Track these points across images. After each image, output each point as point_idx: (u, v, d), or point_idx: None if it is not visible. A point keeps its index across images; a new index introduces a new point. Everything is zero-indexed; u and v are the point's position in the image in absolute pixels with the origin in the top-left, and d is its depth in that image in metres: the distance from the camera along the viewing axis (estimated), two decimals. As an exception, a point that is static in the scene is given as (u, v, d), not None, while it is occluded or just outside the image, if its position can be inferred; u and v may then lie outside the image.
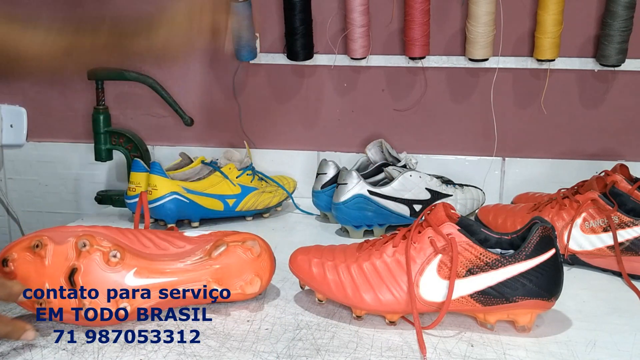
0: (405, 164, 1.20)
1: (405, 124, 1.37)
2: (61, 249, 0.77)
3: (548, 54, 1.22)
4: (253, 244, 0.84)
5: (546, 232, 0.75)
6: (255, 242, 0.84)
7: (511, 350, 0.74)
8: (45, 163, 1.50)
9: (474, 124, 1.34)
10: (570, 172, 1.30)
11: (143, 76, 1.39)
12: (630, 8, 1.17)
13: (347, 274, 0.80)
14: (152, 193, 1.14)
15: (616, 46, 1.20)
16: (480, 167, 1.34)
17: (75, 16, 0.83)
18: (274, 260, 0.87)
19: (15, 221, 1.56)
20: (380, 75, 1.34)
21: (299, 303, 0.85)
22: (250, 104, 1.41)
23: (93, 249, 0.78)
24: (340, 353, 0.72)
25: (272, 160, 1.41)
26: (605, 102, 1.30)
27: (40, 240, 0.78)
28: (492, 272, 0.75)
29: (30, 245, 0.77)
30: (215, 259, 0.82)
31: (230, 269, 0.82)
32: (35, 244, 0.77)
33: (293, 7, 1.27)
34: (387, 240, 0.82)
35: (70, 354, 0.71)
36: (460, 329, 0.78)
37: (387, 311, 0.78)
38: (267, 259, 0.85)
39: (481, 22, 1.21)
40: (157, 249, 0.84)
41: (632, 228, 0.93)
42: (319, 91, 1.38)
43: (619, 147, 1.32)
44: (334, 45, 1.33)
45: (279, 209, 1.29)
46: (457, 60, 1.30)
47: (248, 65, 1.38)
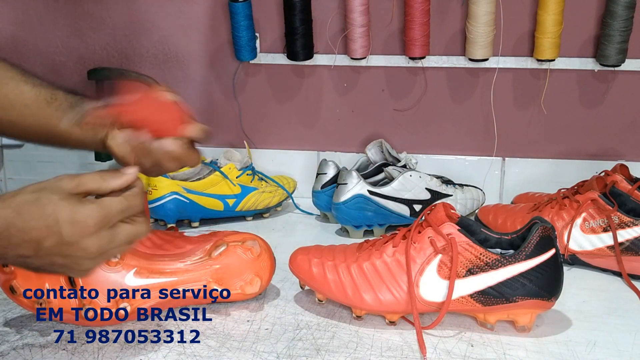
0: (405, 164, 1.20)
1: (405, 124, 1.37)
2: None
3: (548, 54, 1.22)
4: (253, 244, 0.84)
5: (546, 232, 0.75)
6: (255, 242, 0.84)
7: (511, 350, 0.74)
8: (45, 163, 1.50)
9: (474, 124, 1.34)
10: (570, 172, 1.30)
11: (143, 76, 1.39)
12: (630, 8, 1.17)
13: (347, 274, 0.80)
14: (152, 193, 1.14)
15: (616, 46, 1.19)
16: (480, 167, 1.34)
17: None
18: (274, 260, 0.87)
19: (15, 221, 1.56)
20: (380, 75, 1.34)
21: (299, 303, 0.85)
22: (250, 104, 1.41)
23: None
24: (340, 353, 0.72)
25: (272, 160, 1.41)
26: (605, 102, 1.30)
27: None
28: (492, 272, 0.75)
29: None
30: (215, 259, 0.82)
31: (230, 269, 0.82)
32: None
33: (293, 7, 1.27)
34: (387, 240, 0.82)
35: (70, 354, 0.71)
36: (460, 329, 0.78)
37: (387, 311, 0.78)
38: (267, 259, 0.85)
39: (481, 22, 1.21)
40: (157, 249, 0.84)
41: (632, 228, 0.93)
42: (319, 91, 1.38)
43: (619, 147, 1.32)
44: (334, 45, 1.33)
45: (279, 209, 1.29)
46: (457, 60, 1.30)
47: (248, 65, 1.38)
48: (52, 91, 0.87)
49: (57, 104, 0.86)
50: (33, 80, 0.87)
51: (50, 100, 0.86)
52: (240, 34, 1.30)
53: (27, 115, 0.86)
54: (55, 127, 0.87)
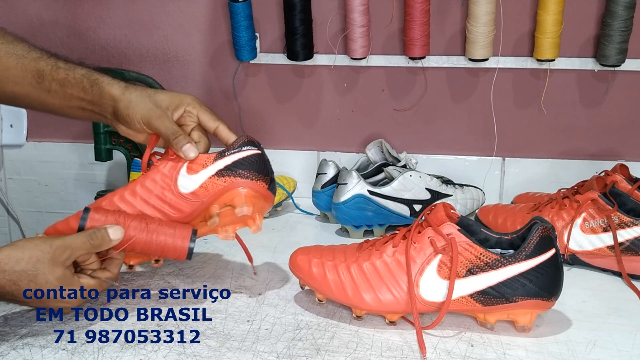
0: (405, 164, 1.20)
1: (405, 124, 1.37)
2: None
3: (548, 54, 1.22)
4: (242, 209, 0.84)
5: (546, 232, 0.75)
6: (244, 206, 0.84)
7: (511, 350, 0.74)
8: (45, 163, 1.50)
9: (473, 124, 1.34)
10: (570, 172, 1.30)
11: (143, 76, 1.39)
12: (630, 8, 1.17)
13: (347, 274, 0.80)
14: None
15: (616, 46, 1.20)
16: (480, 167, 1.34)
17: None
18: (271, 194, 0.88)
19: (15, 221, 1.56)
20: (380, 75, 1.34)
21: (299, 303, 0.85)
22: (250, 104, 1.41)
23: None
24: (340, 353, 0.72)
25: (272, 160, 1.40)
26: (605, 102, 1.30)
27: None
28: (492, 272, 0.75)
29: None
30: (212, 229, 0.87)
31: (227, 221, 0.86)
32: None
33: (293, 7, 1.27)
34: (387, 240, 0.82)
35: (70, 354, 0.71)
36: (460, 329, 0.78)
37: (387, 311, 0.78)
38: (264, 201, 0.87)
39: (481, 22, 1.21)
40: (160, 215, 0.86)
41: (632, 228, 0.93)
42: (319, 91, 1.38)
43: (619, 147, 1.32)
44: (334, 45, 1.33)
45: (279, 209, 1.29)
46: (457, 60, 1.30)
47: (248, 65, 1.38)
48: (36, 67, 0.85)
49: (46, 83, 0.85)
50: (14, 50, 0.86)
51: (40, 80, 0.85)
52: (240, 34, 1.30)
53: (20, 91, 0.86)
54: (53, 106, 0.88)
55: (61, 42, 1.44)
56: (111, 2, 1.39)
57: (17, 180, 1.53)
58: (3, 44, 0.86)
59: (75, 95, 0.86)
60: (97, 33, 1.42)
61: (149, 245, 0.80)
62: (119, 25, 1.40)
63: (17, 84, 0.85)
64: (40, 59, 0.86)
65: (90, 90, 0.86)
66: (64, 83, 0.85)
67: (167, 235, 0.81)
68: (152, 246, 0.80)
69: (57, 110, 0.89)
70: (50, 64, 0.86)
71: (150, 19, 1.39)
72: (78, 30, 1.42)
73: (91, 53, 1.43)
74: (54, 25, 1.43)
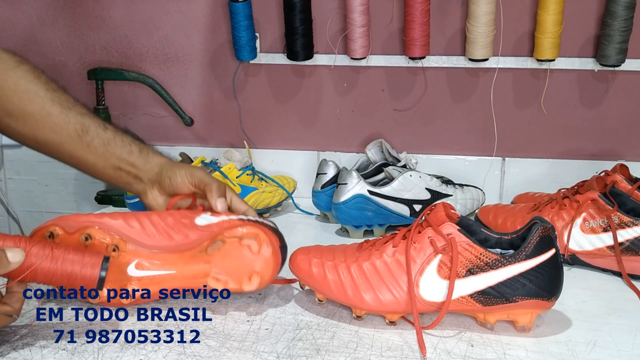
0: (405, 164, 1.20)
1: (405, 124, 1.37)
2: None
3: (548, 54, 1.22)
4: (250, 242, 0.81)
5: (546, 232, 0.75)
6: (253, 240, 0.81)
7: (511, 350, 0.74)
8: (45, 163, 1.50)
9: (474, 124, 1.34)
10: (570, 172, 1.30)
11: (143, 76, 1.39)
12: (630, 8, 1.17)
13: (347, 274, 0.80)
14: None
15: (616, 46, 1.20)
16: (480, 167, 1.34)
17: None
18: (280, 255, 0.84)
19: (15, 221, 1.56)
20: (380, 75, 1.34)
21: (299, 303, 0.85)
22: (250, 104, 1.41)
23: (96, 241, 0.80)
24: (340, 353, 0.72)
25: (272, 160, 1.41)
26: (605, 102, 1.30)
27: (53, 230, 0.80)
28: (492, 272, 0.75)
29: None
30: (211, 256, 0.81)
31: (225, 265, 0.81)
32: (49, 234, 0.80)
33: (293, 7, 1.27)
34: (387, 240, 0.82)
35: (70, 354, 0.71)
36: (460, 329, 0.78)
37: (387, 311, 0.78)
38: (270, 255, 0.81)
39: (481, 22, 1.21)
40: (161, 238, 0.84)
41: (632, 228, 0.93)
42: (319, 91, 1.38)
43: (619, 147, 1.32)
44: (334, 45, 1.33)
45: (279, 209, 1.29)
46: (457, 60, 1.30)
47: (248, 65, 1.38)
48: (81, 121, 0.87)
49: (88, 138, 0.87)
50: (59, 99, 0.87)
51: (82, 133, 0.87)
52: (240, 34, 1.30)
53: (55, 139, 0.87)
54: (86, 160, 0.89)
55: (61, 42, 1.44)
56: (111, 2, 1.39)
57: (17, 180, 1.53)
58: (48, 90, 0.87)
59: (118, 155, 0.89)
60: (97, 33, 1.42)
61: (53, 274, 0.72)
62: (119, 25, 1.40)
63: (56, 132, 0.86)
64: (87, 115, 0.89)
65: (138, 154, 0.90)
66: (109, 142, 0.88)
67: (75, 263, 0.73)
68: (56, 275, 0.73)
69: (88, 165, 0.90)
70: (97, 122, 0.89)
71: (150, 19, 1.39)
72: (78, 30, 1.42)
73: (91, 53, 1.43)
74: (54, 25, 1.43)
